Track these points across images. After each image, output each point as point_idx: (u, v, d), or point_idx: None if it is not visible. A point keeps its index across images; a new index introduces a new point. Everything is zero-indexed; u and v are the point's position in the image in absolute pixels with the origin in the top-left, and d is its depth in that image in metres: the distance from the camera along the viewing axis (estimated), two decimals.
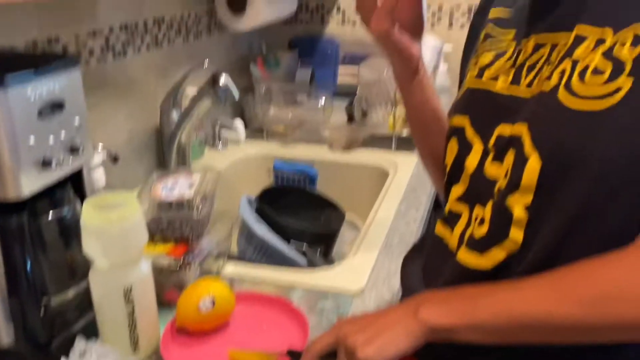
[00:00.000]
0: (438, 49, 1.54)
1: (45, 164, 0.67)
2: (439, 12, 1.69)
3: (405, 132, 1.44)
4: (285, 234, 1.09)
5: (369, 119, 1.50)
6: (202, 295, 0.74)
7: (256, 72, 1.57)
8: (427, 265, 0.71)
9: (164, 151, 1.27)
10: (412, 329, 0.56)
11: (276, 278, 0.90)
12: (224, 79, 1.07)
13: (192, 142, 1.29)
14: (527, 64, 0.62)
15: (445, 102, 0.83)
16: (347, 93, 1.59)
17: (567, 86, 0.55)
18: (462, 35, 0.83)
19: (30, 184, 0.65)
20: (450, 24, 1.70)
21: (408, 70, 0.77)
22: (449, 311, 0.56)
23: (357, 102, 1.47)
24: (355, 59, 1.72)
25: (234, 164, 1.45)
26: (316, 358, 0.63)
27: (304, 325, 0.75)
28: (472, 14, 0.81)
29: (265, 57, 1.69)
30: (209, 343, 0.75)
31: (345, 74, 1.74)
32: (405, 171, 1.35)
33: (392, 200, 1.21)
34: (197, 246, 0.84)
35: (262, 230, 1.05)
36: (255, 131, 1.61)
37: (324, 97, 1.56)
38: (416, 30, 0.75)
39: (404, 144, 1.49)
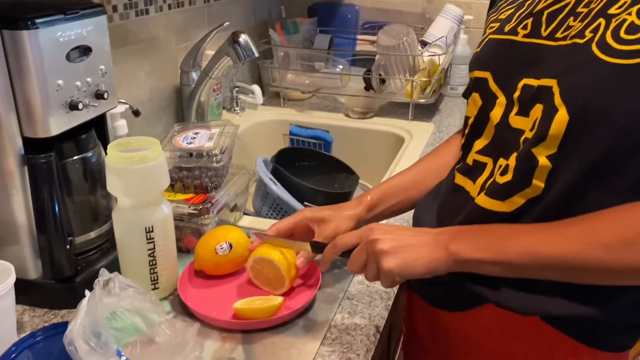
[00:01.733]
0: (459, 18, 1.53)
1: (72, 106, 0.69)
2: None
3: (422, 100, 1.45)
4: (299, 195, 1.11)
5: (386, 86, 1.50)
6: (220, 239, 0.77)
7: (275, 37, 1.58)
8: (442, 209, 0.74)
9: (183, 110, 1.29)
10: (439, 257, 0.61)
11: None
12: (244, 37, 1.08)
13: (210, 102, 1.31)
14: (546, 12, 0.63)
15: (465, 72, 0.84)
16: (366, 60, 1.59)
17: (601, 41, 0.56)
18: (482, 6, 0.83)
19: (57, 124, 0.68)
20: None
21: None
22: (480, 247, 0.60)
23: (375, 70, 1.47)
24: (375, 27, 1.72)
25: (250, 128, 1.47)
26: (340, 251, 0.68)
27: (315, 273, 0.78)
28: None
29: (284, 22, 1.69)
30: (224, 286, 0.78)
31: (364, 41, 1.74)
32: (421, 139, 1.36)
33: (405, 167, 1.22)
34: (215, 196, 0.87)
35: (277, 189, 1.07)
36: (272, 96, 1.63)
37: (341, 64, 1.57)
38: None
39: (420, 113, 1.49)
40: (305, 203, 1.12)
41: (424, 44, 1.51)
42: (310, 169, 1.26)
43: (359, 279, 0.80)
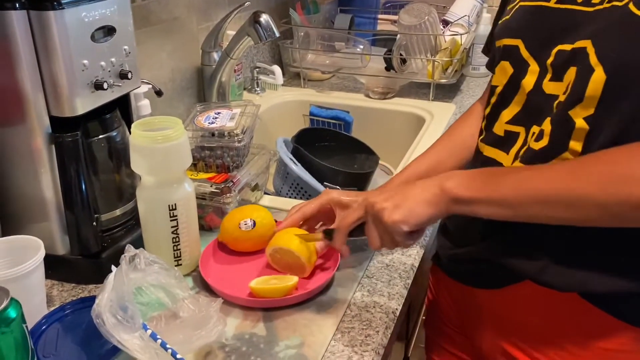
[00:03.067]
0: None
1: (98, 86, 0.71)
2: None
3: (444, 81, 1.43)
4: (319, 175, 1.11)
5: (407, 66, 1.49)
6: (246, 216, 0.78)
7: (295, 17, 1.57)
8: None
9: (204, 90, 1.30)
10: (436, 194, 0.61)
11: None
12: (265, 17, 1.08)
13: (231, 83, 1.31)
14: None
15: None
16: (387, 40, 1.58)
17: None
18: None
19: (83, 103, 0.70)
20: None
21: None
22: (473, 185, 0.60)
23: (396, 50, 1.46)
24: (396, 6, 1.69)
25: (271, 109, 1.48)
26: (347, 231, 0.69)
27: (334, 254, 0.79)
28: None
29: (305, 2, 1.68)
30: (244, 264, 0.80)
31: (385, 21, 1.72)
32: (442, 119, 1.35)
33: (426, 147, 1.22)
34: (237, 175, 0.88)
35: (297, 169, 1.08)
36: (293, 77, 1.63)
37: (362, 44, 1.56)
38: None
39: (442, 93, 1.48)
40: (325, 183, 1.12)
41: (445, 23, 1.49)
42: (330, 149, 1.26)
43: (379, 259, 0.80)
